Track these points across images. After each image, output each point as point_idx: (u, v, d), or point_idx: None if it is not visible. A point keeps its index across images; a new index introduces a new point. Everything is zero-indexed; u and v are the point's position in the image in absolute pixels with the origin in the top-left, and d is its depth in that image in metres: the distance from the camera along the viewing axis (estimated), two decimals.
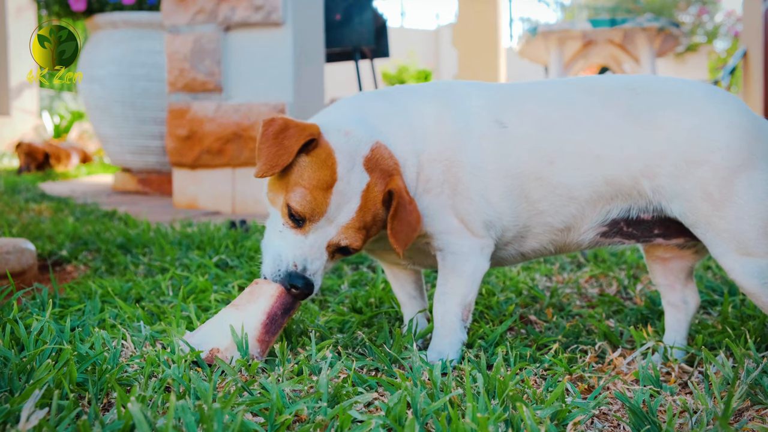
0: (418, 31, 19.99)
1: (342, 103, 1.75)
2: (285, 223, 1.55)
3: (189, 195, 5.05)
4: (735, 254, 1.53)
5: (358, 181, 1.53)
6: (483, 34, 12.05)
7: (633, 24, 7.06)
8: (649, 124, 1.58)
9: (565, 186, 1.62)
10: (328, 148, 1.53)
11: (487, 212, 1.64)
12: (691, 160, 1.54)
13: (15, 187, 6.08)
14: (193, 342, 1.54)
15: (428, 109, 1.67)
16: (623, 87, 1.65)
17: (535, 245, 1.73)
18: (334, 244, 1.55)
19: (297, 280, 1.52)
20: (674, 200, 1.56)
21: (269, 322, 1.53)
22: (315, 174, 1.51)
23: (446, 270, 1.68)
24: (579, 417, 1.26)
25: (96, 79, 5.92)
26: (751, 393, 1.38)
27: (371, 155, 1.55)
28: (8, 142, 11.30)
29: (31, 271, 2.47)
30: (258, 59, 4.84)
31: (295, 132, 1.51)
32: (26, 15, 11.54)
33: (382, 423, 1.18)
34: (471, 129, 1.64)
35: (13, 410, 1.13)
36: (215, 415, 1.07)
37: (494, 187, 1.63)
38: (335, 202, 1.51)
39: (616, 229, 1.66)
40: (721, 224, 1.52)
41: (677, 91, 1.61)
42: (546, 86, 1.74)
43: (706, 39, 15.87)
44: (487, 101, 1.68)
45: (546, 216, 1.66)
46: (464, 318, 1.66)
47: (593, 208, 1.64)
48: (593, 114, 1.62)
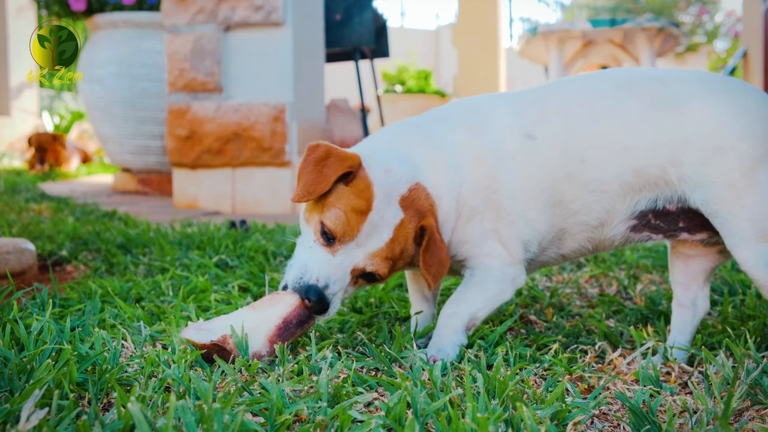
0: (418, 31, 19.98)
1: (383, 135, 1.78)
2: (316, 240, 1.59)
3: (189, 195, 5.05)
4: (752, 242, 1.54)
5: (392, 216, 1.57)
6: (483, 34, 12.05)
7: (633, 24, 7.06)
8: (676, 111, 1.60)
9: (596, 181, 1.65)
10: (367, 180, 1.57)
11: (526, 231, 1.69)
12: (718, 148, 1.56)
13: (15, 187, 6.08)
14: (205, 328, 1.54)
15: (460, 138, 1.70)
16: (649, 78, 1.68)
17: (573, 246, 1.76)
18: (359, 269, 1.59)
19: (313, 294, 1.54)
20: (698, 189, 1.58)
21: (283, 327, 1.55)
22: (351, 201, 1.55)
23: (471, 283, 1.72)
24: (579, 417, 1.26)
25: (96, 79, 5.92)
26: (751, 393, 1.38)
27: (408, 195, 1.59)
28: (8, 142, 11.30)
29: (31, 271, 2.47)
30: (258, 59, 4.84)
31: (335, 161, 1.55)
32: (26, 15, 11.54)
33: (382, 423, 1.18)
34: (503, 152, 1.68)
35: (13, 410, 1.13)
36: (215, 415, 1.07)
37: (532, 203, 1.67)
38: (367, 229, 1.56)
39: (644, 222, 1.68)
40: (741, 212, 1.54)
41: (703, 80, 1.64)
42: (567, 83, 1.77)
43: (706, 39, 15.87)
44: (513, 115, 1.71)
45: (580, 215, 1.69)
46: (468, 327, 1.69)
47: (623, 201, 1.66)
48: (619, 105, 1.65)
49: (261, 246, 2.92)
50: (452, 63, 16.40)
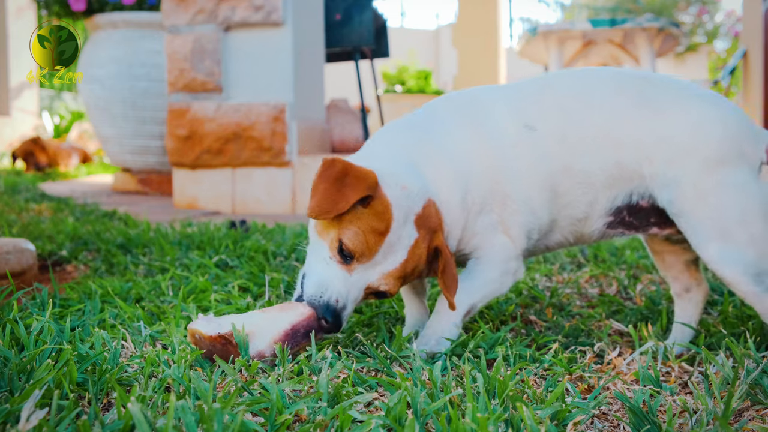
0: (418, 31, 19.98)
1: (386, 141, 1.76)
2: (333, 256, 1.58)
3: (189, 195, 5.05)
4: (716, 242, 1.60)
5: (407, 236, 1.58)
6: (483, 34, 12.04)
7: (633, 24, 7.06)
8: (657, 110, 1.66)
9: (585, 173, 1.70)
10: (385, 201, 1.56)
11: (529, 219, 1.73)
12: (686, 150, 1.63)
13: (15, 187, 6.08)
14: (215, 322, 1.55)
15: (462, 134, 1.72)
16: (636, 76, 1.75)
17: (559, 238, 1.81)
18: (373, 288, 1.60)
19: (329, 314, 1.55)
20: (665, 188, 1.65)
21: (291, 333, 1.55)
22: (370, 222, 1.55)
23: (474, 274, 1.74)
24: (579, 417, 1.26)
25: (96, 79, 5.92)
26: (751, 393, 1.38)
27: (422, 213, 1.61)
28: (8, 142, 11.29)
29: (31, 271, 2.47)
30: (258, 59, 4.84)
31: (354, 181, 1.53)
32: (26, 15, 11.53)
33: (382, 423, 1.18)
34: (504, 142, 1.71)
35: (13, 410, 1.13)
36: (215, 415, 1.07)
37: (535, 192, 1.71)
38: (384, 250, 1.56)
39: (619, 219, 1.74)
40: (704, 212, 1.61)
41: (685, 86, 1.72)
42: (561, 76, 1.82)
43: (706, 39, 15.87)
44: (511, 107, 1.74)
45: (569, 208, 1.74)
46: (465, 315, 1.71)
47: (604, 194, 1.72)
48: (608, 99, 1.71)
49: (261, 246, 2.92)
50: (452, 63, 16.39)
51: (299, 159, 4.85)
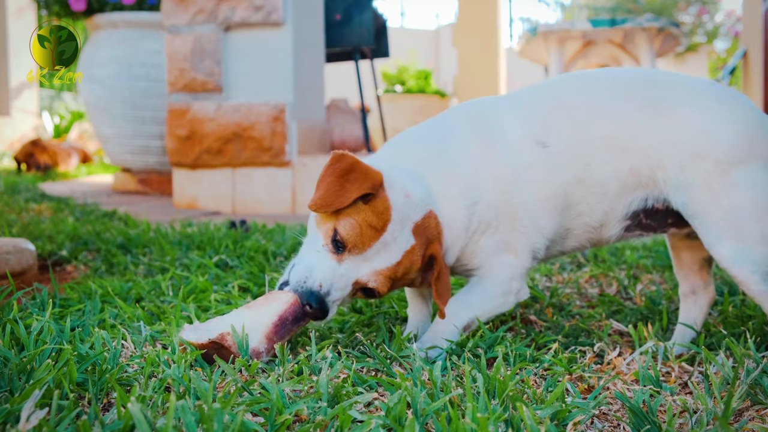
0: (418, 31, 19.97)
1: (402, 151, 1.77)
2: (325, 245, 1.59)
3: (189, 195, 5.05)
4: (729, 242, 1.61)
5: (404, 241, 1.59)
6: (483, 34, 12.04)
7: (633, 24, 7.06)
8: (665, 114, 1.66)
9: (599, 183, 1.70)
10: (386, 203, 1.57)
11: (536, 240, 1.73)
12: (697, 153, 1.63)
13: (15, 187, 6.08)
14: (202, 328, 1.55)
15: (474, 152, 1.71)
16: (642, 79, 1.74)
17: (574, 244, 1.82)
18: (361, 283, 1.60)
19: (313, 300, 1.55)
20: (678, 191, 1.65)
21: (279, 324, 1.56)
22: (368, 218, 1.56)
23: (478, 290, 1.75)
24: (579, 417, 1.26)
25: (96, 79, 5.92)
26: (751, 393, 1.38)
27: (421, 222, 1.61)
28: (8, 142, 11.29)
29: (31, 271, 2.47)
30: (258, 59, 4.84)
31: (358, 177, 1.55)
32: (26, 15, 11.53)
33: (382, 423, 1.18)
34: (518, 164, 1.70)
35: (13, 410, 1.13)
36: (215, 415, 1.07)
37: (544, 211, 1.71)
38: (377, 247, 1.57)
39: (636, 222, 1.75)
40: (717, 213, 1.61)
41: (691, 86, 1.70)
42: (565, 84, 1.80)
43: (706, 39, 15.86)
44: (521, 123, 1.73)
45: (584, 216, 1.74)
46: (463, 329, 1.71)
47: (620, 201, 1.72)
48: (615, 106, 1.70)
49: (261, 246, 2.92)
50: (452, 63, 16.39)
51: (299, 159, 4.85)
